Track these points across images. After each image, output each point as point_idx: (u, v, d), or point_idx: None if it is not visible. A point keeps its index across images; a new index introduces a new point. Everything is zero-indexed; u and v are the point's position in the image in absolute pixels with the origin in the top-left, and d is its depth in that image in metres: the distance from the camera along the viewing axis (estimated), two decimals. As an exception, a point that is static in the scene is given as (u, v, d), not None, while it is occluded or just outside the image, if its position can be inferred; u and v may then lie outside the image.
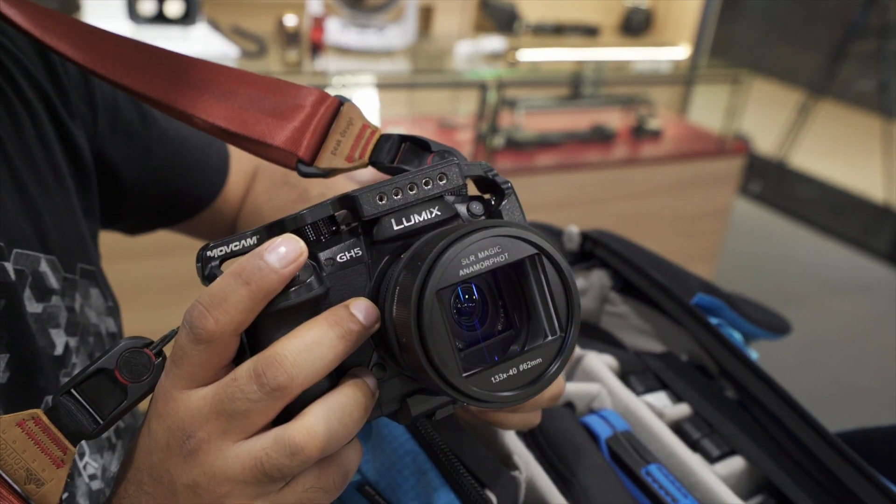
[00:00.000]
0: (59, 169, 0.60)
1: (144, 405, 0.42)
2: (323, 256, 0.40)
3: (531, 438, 0.59)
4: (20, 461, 0.40)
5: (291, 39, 2.17)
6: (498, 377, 0.37)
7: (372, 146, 0.51)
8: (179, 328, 0.39)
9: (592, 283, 0.80)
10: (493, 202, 0.44)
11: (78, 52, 0.53)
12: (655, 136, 2.74)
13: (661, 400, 0.65)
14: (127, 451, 0.42)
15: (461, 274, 0.36)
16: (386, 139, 0.51)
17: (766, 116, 4.83)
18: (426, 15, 3.62)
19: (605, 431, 0.59)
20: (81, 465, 0.55)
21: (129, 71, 0.53)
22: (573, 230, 0.80)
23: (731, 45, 5.91)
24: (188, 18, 2.05)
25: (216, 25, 2.21)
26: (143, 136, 0.69)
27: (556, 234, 0.81)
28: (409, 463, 0.51)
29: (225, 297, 0.36)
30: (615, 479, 0.56)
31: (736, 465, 0.61)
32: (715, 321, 0.71)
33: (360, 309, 0.38)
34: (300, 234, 0.39)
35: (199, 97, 0.52)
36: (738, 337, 0.73)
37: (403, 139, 0.51)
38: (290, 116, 0.51)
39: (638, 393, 0.65)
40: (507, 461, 0.56)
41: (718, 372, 0.68)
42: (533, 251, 0.37)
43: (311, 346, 0.37)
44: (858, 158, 5.13)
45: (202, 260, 0.40)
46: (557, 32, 3.82)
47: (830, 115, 5.20)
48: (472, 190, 0.45)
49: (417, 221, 0.40)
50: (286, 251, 0.37)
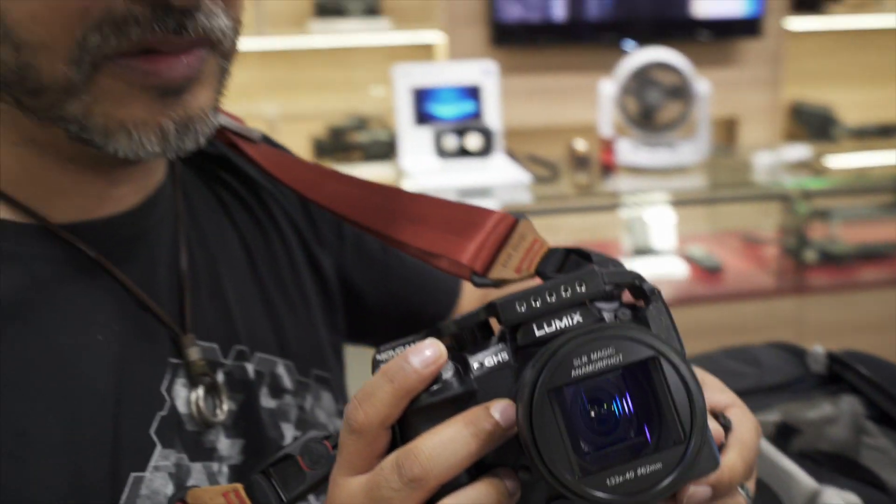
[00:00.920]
0: (304, 289, 0.70)
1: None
2: (473, 360, 0.42)
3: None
4: None
5: (582, 163, 2.26)
6: (614, 479, 0.37)
7: (539, 258, 0.55)
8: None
9: (843, 409, 0.72)
10: (641, 310, 0.44)
11: (312, 192, 0.65)
12: None
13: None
14: None
15: (573, 375, 0.37)
16: (553, 252, 0.55)
17: None
18: (730, 127, 3.54)
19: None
20: None
21: (353, 208, 0.63)
22: (818, 350, 0.74)
23: None
24: (486, 151, 2.23)
25: (513, 155, 2.37)
26: (382, 261, 0.78)
27: (798, 353, 0.76)
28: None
29: (373, 392, 0.40)
30: None
31: None
32: None
33: (498, 409, 0.40)
34: (454, 338, 0.43)
35: (407, 226, 0.61)
36: None
37: (569, 252, 0.54)
38: (472, 236, 0.58)
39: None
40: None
41: None
42: (650, 353, 0.37)
43: (446, 442, 0.39)
44: None
45: (374, 363, 0.45)
46: (884, 134, 3.52)
47: None
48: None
49: (559, 328, 0.41)
50: (428, 354, 0.40)
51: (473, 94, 2.37)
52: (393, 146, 2.55)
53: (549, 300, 0.41)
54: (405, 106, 2.34)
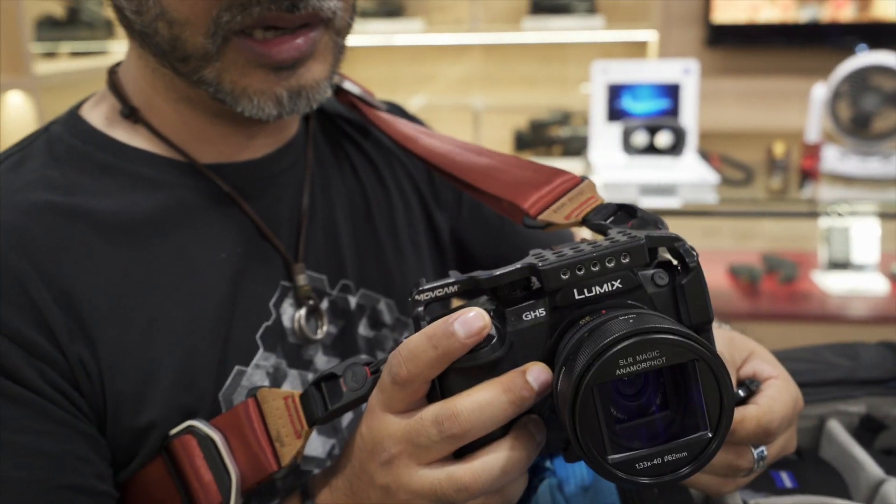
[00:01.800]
0: (417, 242, 0.77)
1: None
2: (510, 313, 0.44)
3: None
4: (276, 424, 0.55)
5: (778, 167, 2.18)
6: (643, 464, 0.40)
7: (589, 209, 0.59)
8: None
9: None
10: (678, 272, 0.46)
11: (413, 145, 0.73)
12: None
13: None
14: (347, 440, 0.54)
15: (618, 373, 0.38)
16: (604, 206, 0.59)
17: None
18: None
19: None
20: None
21: (443, 159, 0.71)
22: None
23: None
24: (677, 149, 2.21)
25: (705, 155, 2.33)
26: (498, 227, 0.85)
27: (849, 354, 0.75)
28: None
29: (417, 354, 0.43)
30: None
31: None
32: None
33: (534, 376, 0.43)
34: (493, 292, 0.45)
35: (483, 175, 0.68)
36: None
37: (619, 207, 0.58)
38: (538, 187, 0.64)
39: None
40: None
41: None
42: (691, 356, 0.39)
43: (484, 406, 0.43)
44: None
45: (412, 301, 0.46)
46: None
47: None
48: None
49: (598, 292, 0.43)
50: (472, 324, 0.42)
51: (672, 92, 2.35)
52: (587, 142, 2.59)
53: (592, 269, 0.43)
54: (600, 102, 2.37)
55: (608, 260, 0.43)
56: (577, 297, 0.43)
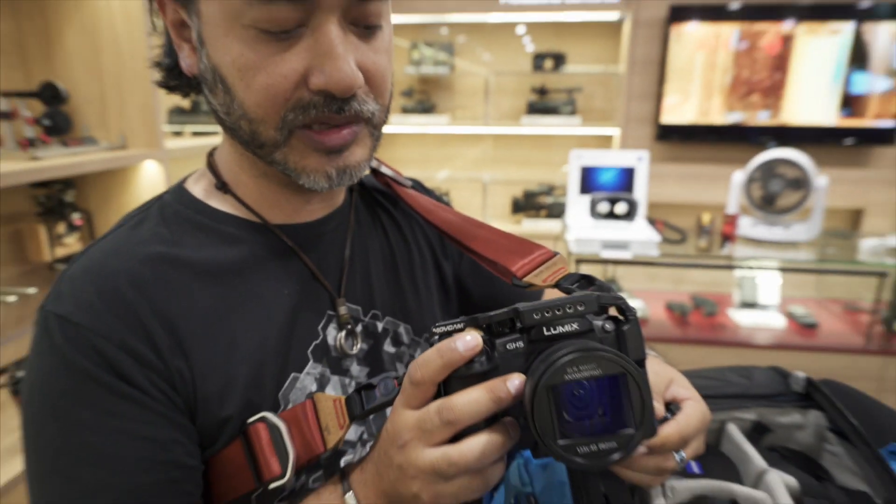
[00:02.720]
0: (428, 283, 0.75)
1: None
2: (499, 343, 0.45)
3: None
4: (326, 418, 0.55)
5: (705, 232, 2.18)
6: (582, 449, 0.40)
7: (560, 276, 0.59)
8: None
9: (809, 420, 0.70)
10: (621, 322, 0.46)
11: (433, 218, 0.73)
12: None
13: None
14: (376, 436, 0.52)
15: (566, 378, 0.40)
16: (571, 275, 0.59)
17: None
18: (856, 216, 3.17)
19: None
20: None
21: (451, 228, 0.71)
22: (800, 375, 0.72)
23: None
24: (630, 216, 2.22)
25: (651, 221, 2.32)
26: (488, 276, 0.81)
27: (784, 375, 0.74)
28: (559, 488, 0.55)
29: (428, 362, 0.45)
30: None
31: None
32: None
33: (512, 383, 0.43)
34: (487, 328, 0.46)
35: (481, 242, 0.68)
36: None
37: (581, 277, 0.58)
38: (522, 255, 0.64)
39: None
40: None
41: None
42: (620, 371, 0.40)
43: (473, 401, 0.43)
44: None
45: (430, 332, 0.49)
46: None
47: None
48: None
49: (561, 331, 0.44)
50: (469, 343, 0.44)
51: (628, 173, 2.35)
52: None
53: (557, 313, 0.44)
54: (575, 179, 2.37)
55: (568, 307, 0.44)
56: (545, 333, 0.44)
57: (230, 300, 0.58)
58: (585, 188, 2.36)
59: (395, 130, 3.51)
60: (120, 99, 1.59)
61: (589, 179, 2.37)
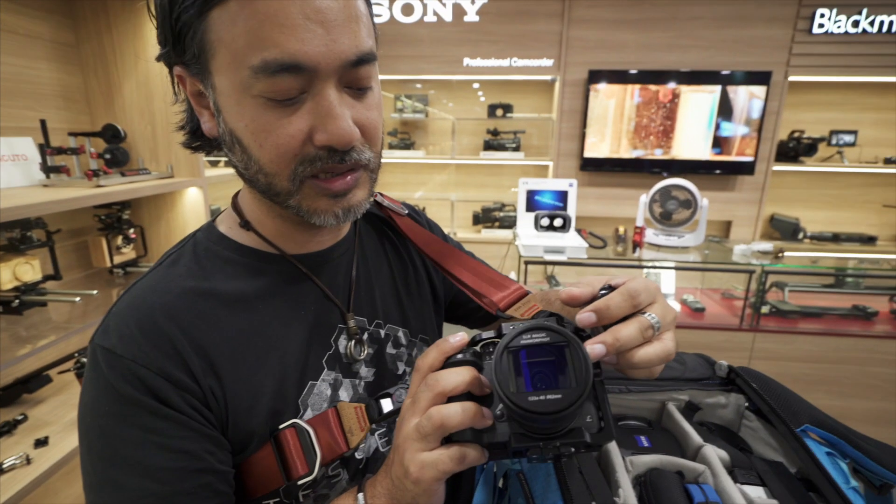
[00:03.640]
0: (423, 294, 0.70)
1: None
2: (484, 352, 0.45)
3: (640, 486, 0.51)
4: (349, 422, 0.51)
5: (621, 240, 2.16)
6: (533, 398, 0.38)
7: (534, 311, 0.56)
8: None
9: (731, 401, 0.65)
10: (583, 333, 0.44)
11: (425, 247, 0.68)
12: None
13: (755, 492, 0.50)
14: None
15: (521, 342, 0.39)
16: (542, 311, 0.56)
17: None
18: (726, 227, 3.23)
19: (699, 497, 0.48)
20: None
21: (441, 257, 0.66)
22: (723, 363, 0.68)
23: None
24: (565, 227, 2.19)
25: (580, 231, 2.31)
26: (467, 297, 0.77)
27: (711, 362, 0.70)
28: (543, 468, 0.50)
29: (428, 353, 0.45)
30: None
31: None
32: (826, 450, 0.52)
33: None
34: (481, 340, 0.45)
35: (468, 273, 0.64)
36: (843, 467, 0.52)
37: (550, 314, 0.53)
38: (502, 289, 0.60)
39: (737, 482, 0.51)
40: (615, 490, 0.49)
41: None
42: (564, 340, 0.39)
43: (452, 372, 0.43)
44: None
45: (423, 333, 0.47)
46: (835, 240, 3.06)
47: None
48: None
49: (531, 342, 0.42)
50: (458, 341, 0.44)
51: (563, 195, 2.33)
52: (515, 221, 2.56)
53: (528, 329, 0.42)
54: (522, 199, 2.34)
55: (538, 327, 0.42)
56: (521, 342, 0.41)
57: (255, 323, 0.53)
58: (530, 206, 2.33)
59: (383, 161, 3.40)
60: (168, 137, 1.52)
61: (533, 200, 2.34)
